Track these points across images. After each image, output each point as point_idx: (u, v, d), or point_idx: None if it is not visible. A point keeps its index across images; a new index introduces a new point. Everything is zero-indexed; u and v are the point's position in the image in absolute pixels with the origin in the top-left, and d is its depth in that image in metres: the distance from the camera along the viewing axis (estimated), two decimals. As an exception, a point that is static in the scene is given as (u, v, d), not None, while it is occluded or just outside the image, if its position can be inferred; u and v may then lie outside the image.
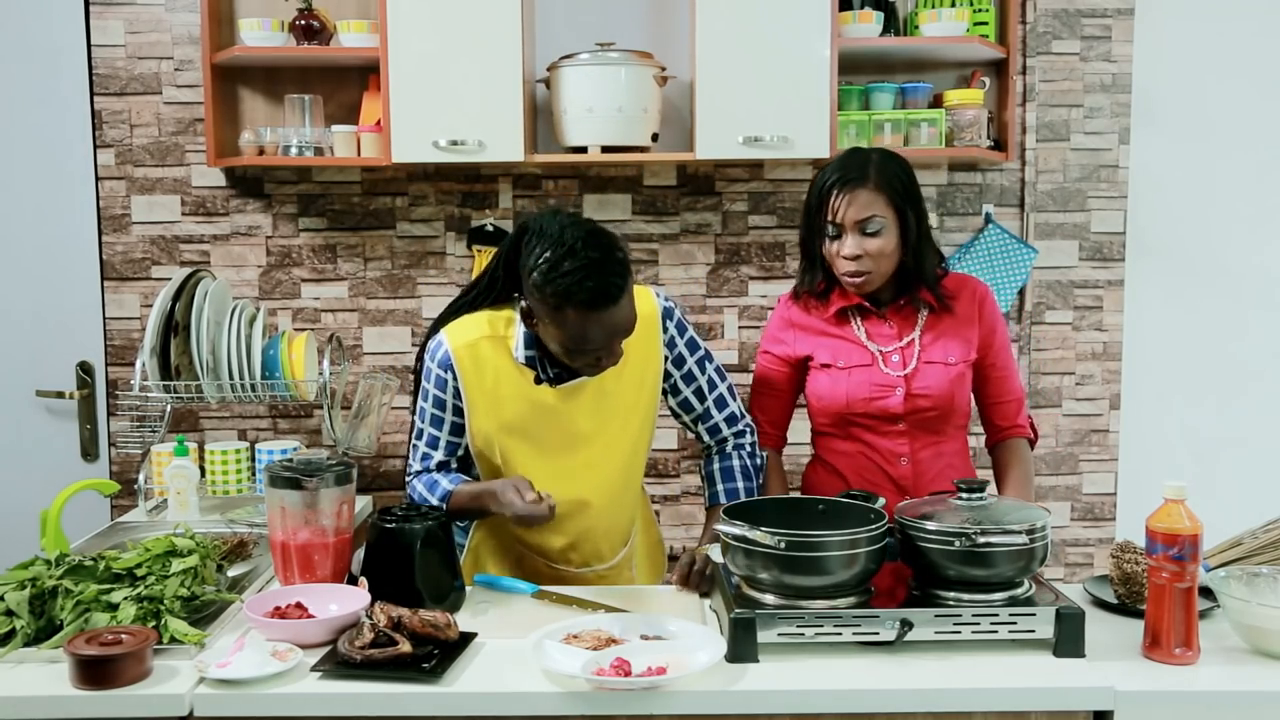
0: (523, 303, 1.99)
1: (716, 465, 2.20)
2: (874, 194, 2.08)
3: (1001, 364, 2.22)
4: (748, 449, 2.21)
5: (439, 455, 2.12)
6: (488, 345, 2.04)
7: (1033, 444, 2.26)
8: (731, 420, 2.20)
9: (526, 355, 2.02)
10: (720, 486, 2.17)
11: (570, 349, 1.92)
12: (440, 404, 2.07)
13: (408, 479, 2.16)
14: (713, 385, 2.18)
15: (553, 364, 2.03)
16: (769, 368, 2.28)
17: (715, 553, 1.83)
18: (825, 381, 2.20)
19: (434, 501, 2.06)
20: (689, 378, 2.16)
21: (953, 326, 2.17)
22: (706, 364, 2.17)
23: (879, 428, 2.18)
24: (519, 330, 2.03)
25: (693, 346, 2.15)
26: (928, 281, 2.15)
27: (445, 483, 2.09)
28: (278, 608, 1.80)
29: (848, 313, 2.19)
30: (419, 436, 2.13)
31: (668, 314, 2.12)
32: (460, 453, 2.14)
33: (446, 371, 2.04)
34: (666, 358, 2.12)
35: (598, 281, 1.85)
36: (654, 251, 3.21)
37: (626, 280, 1.90)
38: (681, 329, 2.14)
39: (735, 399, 2.21)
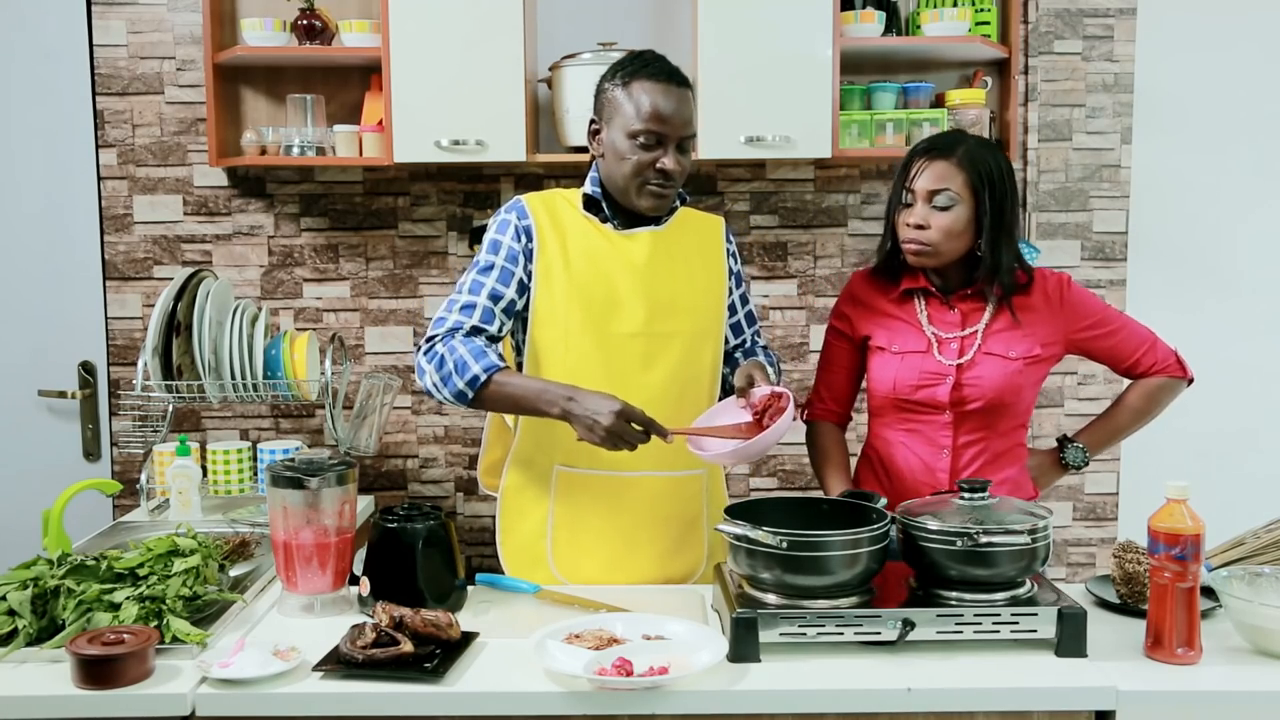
0: (592, 125, 2.04)
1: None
2: (954, 169, 2.03)
3: (1112, 325, 2.16)
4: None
5: (478, 313, 1.97)
6: (559, 198, 2.10)
7: (1188, 384, 2.24)
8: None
9: (590, 193, 2.05)
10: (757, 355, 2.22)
11: (638, 131, 1.94)
12: (504, 252, 2.01)
13: (427, 341, 1.98)
14: (751, 320, 2.25)
15: (614, 211, 2.06)
16: (830, 342, 2.27)
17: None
18: (878, 364, 2.16)
19: (474, 369, 1.89)
20: (743, 299, 2.23)
21: (1022, 322, 2.09)
22: (749, 297, 2.27)
23: (925, 415, 2.12)
24: (580, 194, 2.08)
25: (740, 278, 2.22)
26: (1000, 277, 2.07)
27: (494, 356, 1.91)
28: None
29: (913, 295, 2.14)
30: (460, 290, 2.00)
31: (728, 235, 2.21)
32: (498, 328, 1.99)
33: (519, 216, 2.05)
34: (732, 270, 2.19)
35: (670, 65, 2.00)
36: (656, 251, 3.21)
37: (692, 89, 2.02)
38: (737, 257, 2.23)
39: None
